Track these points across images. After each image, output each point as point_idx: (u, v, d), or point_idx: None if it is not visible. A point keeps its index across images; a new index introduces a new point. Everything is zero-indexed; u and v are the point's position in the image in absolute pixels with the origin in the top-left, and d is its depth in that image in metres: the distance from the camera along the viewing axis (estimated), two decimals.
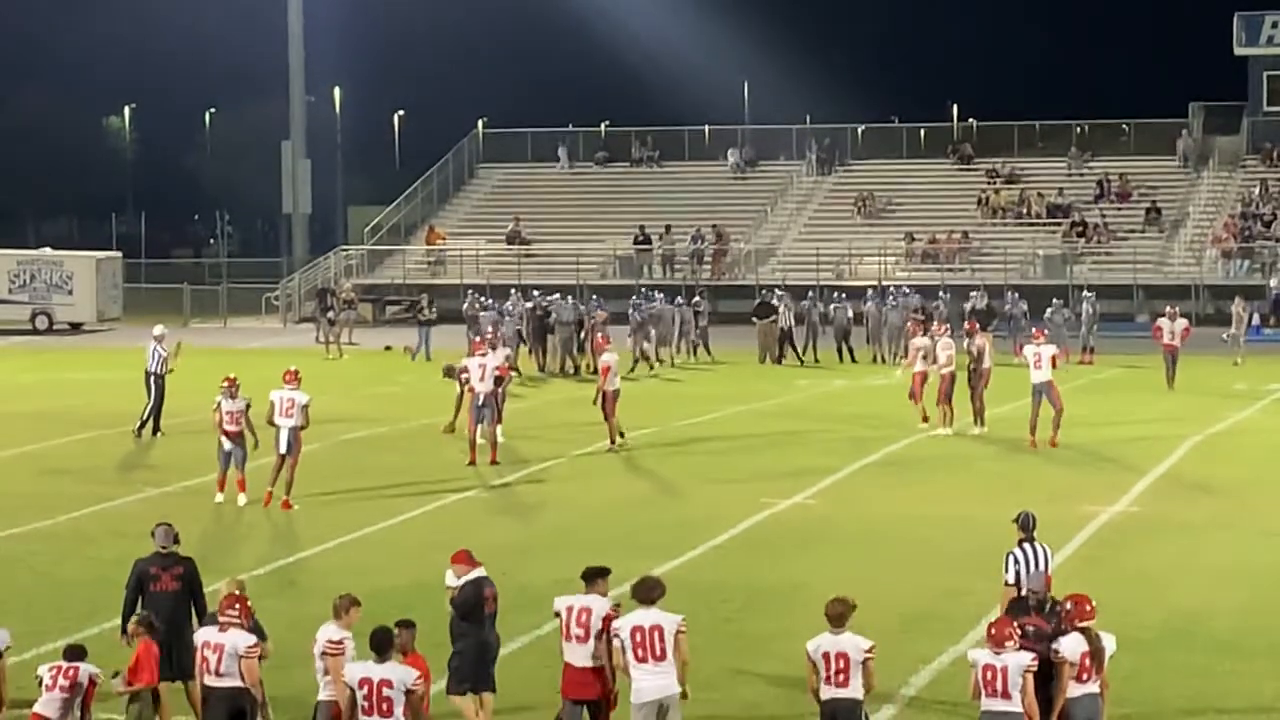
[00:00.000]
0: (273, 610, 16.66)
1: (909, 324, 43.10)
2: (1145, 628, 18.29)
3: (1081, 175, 71.30)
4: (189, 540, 16.68)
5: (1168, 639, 18.38)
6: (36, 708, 13.48)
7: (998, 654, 13.16)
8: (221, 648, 13.82)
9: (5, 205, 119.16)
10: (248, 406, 26.17)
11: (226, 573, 17.36)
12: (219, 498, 26.18)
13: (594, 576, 14.68)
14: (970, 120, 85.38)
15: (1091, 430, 32.01)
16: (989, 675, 13.14)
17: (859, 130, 77.84)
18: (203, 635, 14.06)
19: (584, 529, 24.74)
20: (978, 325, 36.71)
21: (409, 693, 12.95)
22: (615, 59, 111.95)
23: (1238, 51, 72.26)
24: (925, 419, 33.77)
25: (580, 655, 14.28)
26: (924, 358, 33.88)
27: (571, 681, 14.34)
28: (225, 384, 26.27)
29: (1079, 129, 74.47)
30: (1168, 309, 42.63)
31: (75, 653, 13.80)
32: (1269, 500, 26.66)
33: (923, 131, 78.30)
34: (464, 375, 30.73)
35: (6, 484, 28.82)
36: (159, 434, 33.81)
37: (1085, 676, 13.41)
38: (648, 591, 14.01)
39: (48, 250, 68.93)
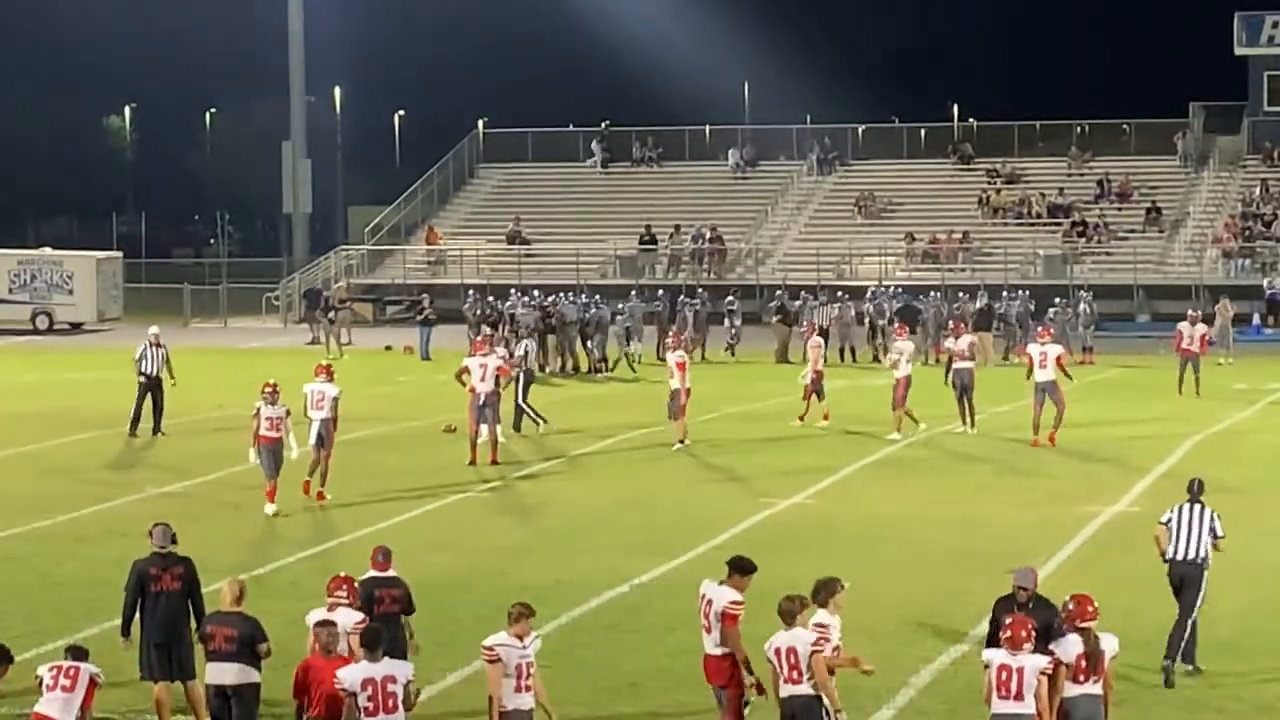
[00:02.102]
0: (273, 610, 16.65)
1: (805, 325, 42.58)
2: (1145, 628, 18.25)
3: (1082, 175, 71.29)
4: (188, 540, 16.66)
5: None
6: (38, 707, 13.47)
7: (1013, 655, 13.11)
8: (334, 626, 13.96)
9: (5, 205, 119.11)
10: (288, 413, 25.59)
11: (227, 572, 17.35)
12: (270, 509, 25.44)
13: (732, 569, 14.74)
14: (970, 120, 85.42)
15: (1091, 430, 32.01)
16: (1004, 676, 13.04)
17: (859, 130, 77.83)
18: (312, 617, 14.22)
19: (584, 529, 24.75)
20: (963, 326, 36.67)
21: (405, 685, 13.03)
22: (616, 59, 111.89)
23: (1238, 51, 72.22)
24: (802, 419, 34.50)
25: (707, 642, 14.61)
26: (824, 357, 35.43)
27: (704, 666, 14.67)
28: (266, 390, 25.53)
29: (1079, 129, 74.46)
30: (1189, 313, 41.97)
31: (77, 653, 13.80)
32: (1269, 500, 26.67)
33: (923, 131, 78.29)
34: (464, 375, 30.71)
35: (6, 484, 28.82)
36: (159, 434, 33.85)
37: (1082, 677, 13.39)
38: (815, 593, 14.13)
39: (48, 250, 68.93)
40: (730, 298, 53.31)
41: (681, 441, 31.71)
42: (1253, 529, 24.47)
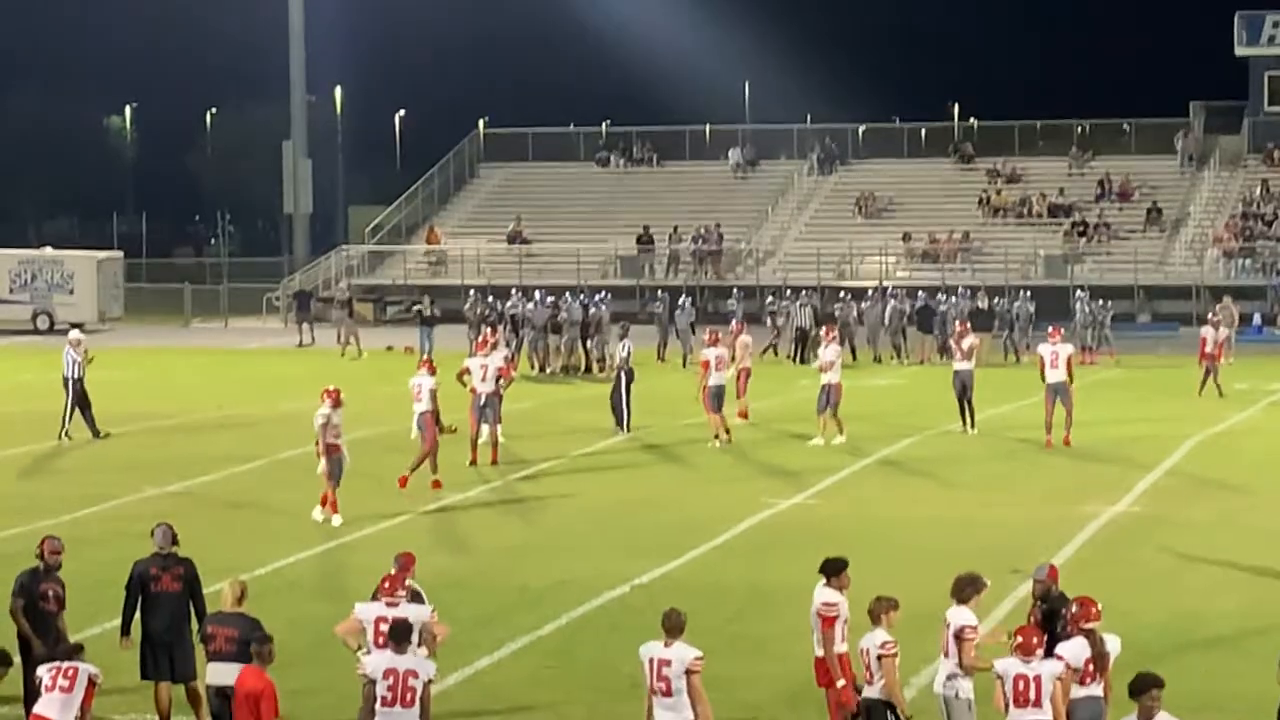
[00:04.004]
0: (273, 610, 16.65)
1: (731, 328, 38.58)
2: (1146, 628, 18.27)
3: (1083, 175, 71.29)
4: (189, 540, 16.66)
5: (1169, 639, 18.35)
6: (37, 708, 13.45)
7: (1027, 662, 13.07)
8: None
9: (6, 205, 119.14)
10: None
11: (227, 573, 17.34)
12: (318, 515, 24.96)
13: (827, 571, 14.75)
14: (971, 120, 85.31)
15: (1092, 430, 32.01)
16: (1021, 685, 12.98)
17: (860, 130, 77.79)
18: (373, 611, 14.29)
19: (584, 529, 24.75)
20: (968, 327, 36.64)
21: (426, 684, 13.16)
22: (616, 59, 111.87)
23: (1238, 51, 72.17)
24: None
25: (815, 645, 14.60)
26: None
27: (814, 669, 14.68)
28: (327, 395, 24.96)
29: (1080, 129, 74.45)
30: (1210, 316, 41.44)
31: (73, 652, 13.77)
32: (1270, 500, 26.67)
33: (924, 131, 78.23)
34: (465, 375, 30.73)
35: (6, 484, 28.82)
36: (101, 435, 33.64)
37: (1088, 679, 13.38)
38: (957, 588, 14.20)
39: (49, 250, 68.88)
40: (771, 298, 53.25)
41: (728, 435, 32.14)
42: (1254, 529, 24.51)
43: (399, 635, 13.30)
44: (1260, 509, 25.94)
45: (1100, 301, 50.73)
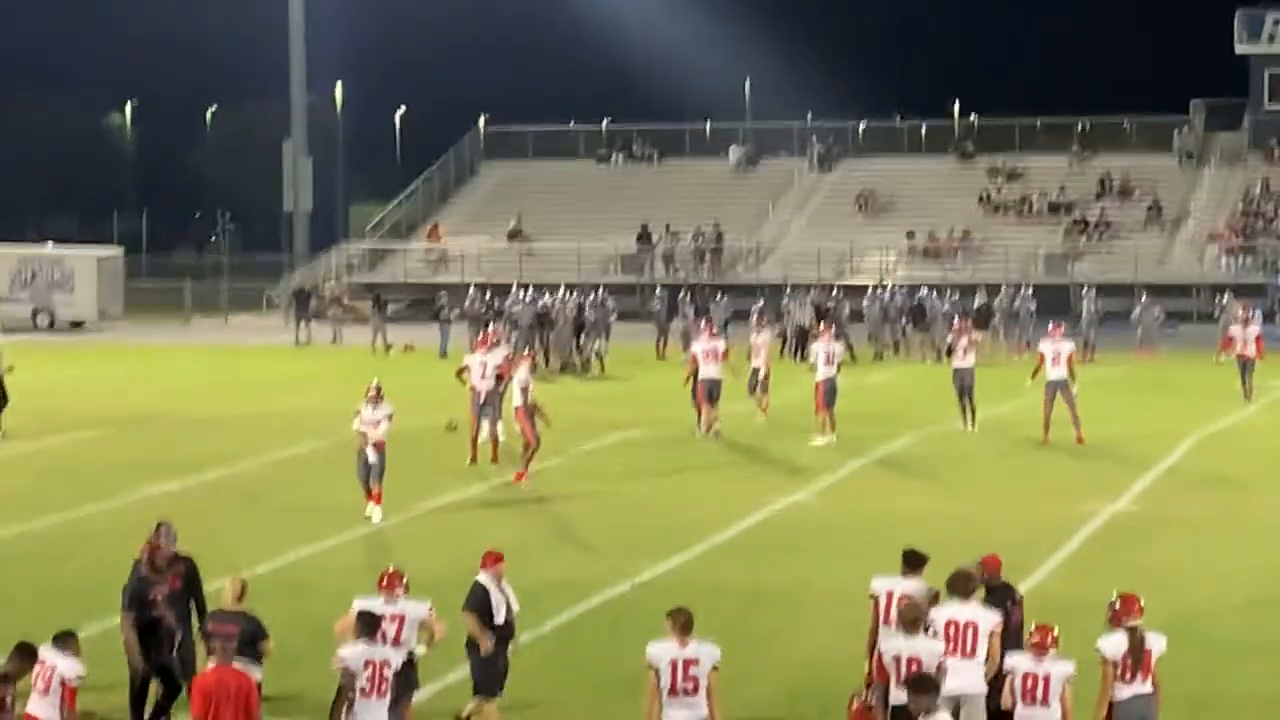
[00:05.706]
0: (273, 610, 16.65)
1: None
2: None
3: (1083, 172, 71.30)
4: (189, 538, 16.68)
5: (1169, 638, 18.32)
6: (27, 707, 13.42)
7: (1038, 660, 13.09)
8: (401, 618, 14.53)
9: (7, 202, 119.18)
10: (390, 417, 24.95)
11: (228, 571, 17.35)
12: (370, 511, 24.84)
13: (916, 563, 14.82)
14: (971, 117, 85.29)
15: (1092, 428, 32.00)
16: (1029, 683, 13.02)
17: (860, 127, 77.77)
18: (361, 604, 14.36)
19: (584, 528, 24.75)
20: (968, 323, 36.58)
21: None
22: (617, 56, 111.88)
23: (1239, 49, 72.20)
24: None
25: (879, 640, 14.54)
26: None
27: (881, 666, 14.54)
28: (369, 391, 24.94)
29: (1080, 126, 74.41)
30: (1239, 313, 41.19)
31: (56, 642, 13.75)
32: (1270, 499, 26.68)
33: (924, 129, 78.20)
34: (465, 373, 30.75)
35: (7, 484, 28.82)
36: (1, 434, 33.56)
37: (1128, 675, 13.36)
38: (964, 585, 14.16)
39: (49, 248, 68.86)
40: (786, 298, 53.31)
41: (709, 428, 32.34)
42: (1254, 528, 24.52)
43: (367, 627, 13.62)
44: (1261, 507, 25.97)
45: (1143, 299, 50.92)
